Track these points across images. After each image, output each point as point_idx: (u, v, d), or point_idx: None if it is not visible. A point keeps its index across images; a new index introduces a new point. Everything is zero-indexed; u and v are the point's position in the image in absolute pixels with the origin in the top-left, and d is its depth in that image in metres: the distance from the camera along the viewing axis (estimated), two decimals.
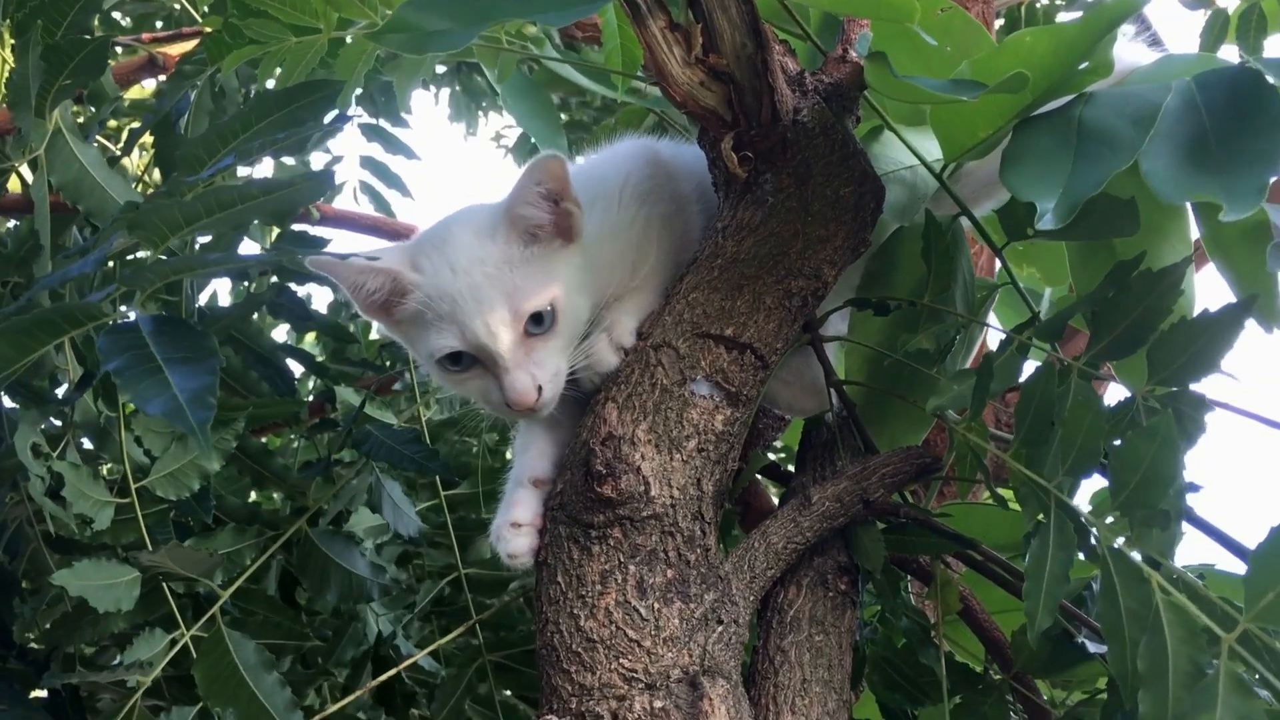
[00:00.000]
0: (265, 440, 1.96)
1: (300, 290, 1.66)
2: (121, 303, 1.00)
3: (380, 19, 1.18)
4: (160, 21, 2.51)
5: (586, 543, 0.91)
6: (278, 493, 1.77)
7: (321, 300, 3.76)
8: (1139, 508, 0.80)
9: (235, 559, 1.45)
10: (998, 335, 1.01)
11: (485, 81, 3.00)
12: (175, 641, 1.32)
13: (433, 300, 0.96)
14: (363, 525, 1.59)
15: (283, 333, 2.51)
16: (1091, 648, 1.00)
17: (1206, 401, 0.86)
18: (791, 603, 0.99)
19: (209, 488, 1.43)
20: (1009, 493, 0.94)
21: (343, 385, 1.64)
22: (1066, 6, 2.41)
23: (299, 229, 1.76)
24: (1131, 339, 0.88)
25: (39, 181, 1.46)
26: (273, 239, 2.26)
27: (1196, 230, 0.98)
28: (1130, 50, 1.01)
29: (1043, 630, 0.83)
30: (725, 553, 0.98)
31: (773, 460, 1.20)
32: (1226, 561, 1.00)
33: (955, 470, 1.01)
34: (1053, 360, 0.91)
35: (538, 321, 0.96)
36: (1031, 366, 0.94)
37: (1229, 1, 2.15)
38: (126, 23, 2.57)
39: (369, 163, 2.39)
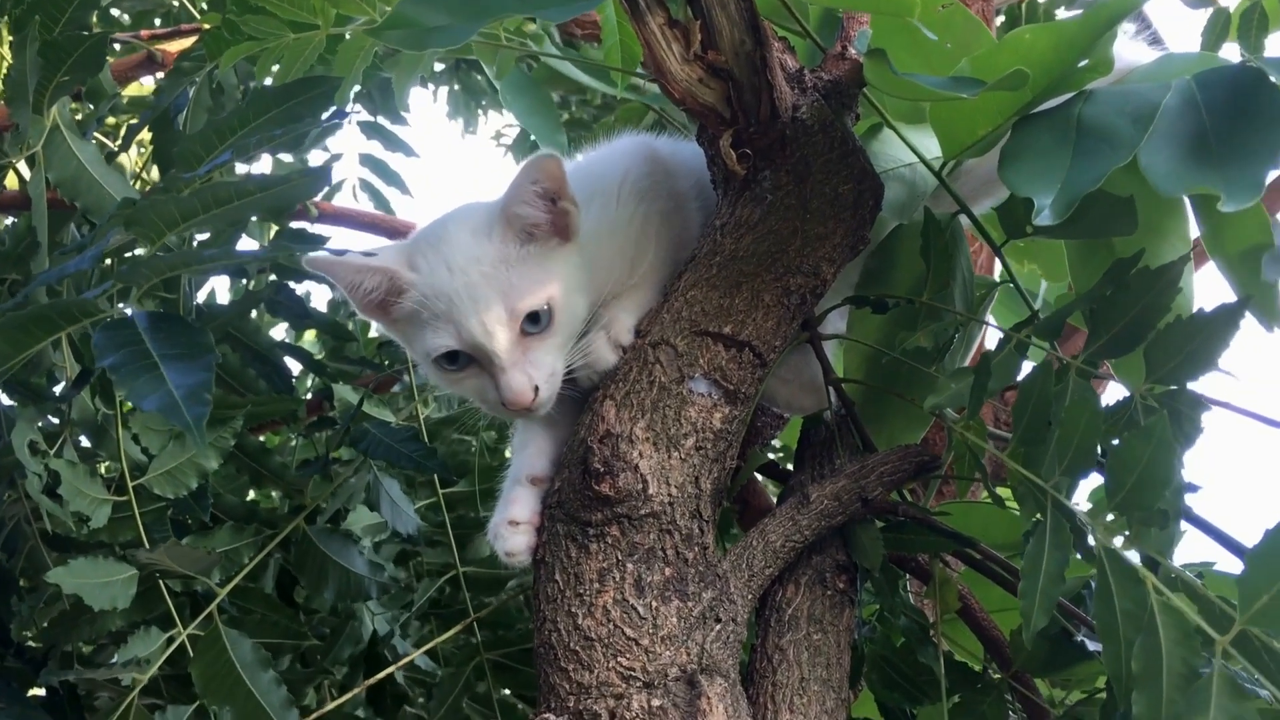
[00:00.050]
0: (263, 438, 1.95)
1: (299, 288, 1.65)
2: (118, 299, 0.99)
3: (379, 15, 1.18)
4: (159, 18, 2.51)
5: (584, 541, 0.91)
6: (276, 491, 1.76)
7: (321, 298, 3.76)
8: (1136, 507, 0.80)
9: (233, 557, 1.44)
10: (996, 334, 1.01)
11: (485, 80, 3.00)
12: (172, 640, 1.32)
13: (429, 299, 0.96)
14: (361, 523, 1.59)
15: (282, 330, 2.51)
16: (1090, 646, 1.00)
17: (1205, 401, 0.86)
18: (790, 601, 0.99)
19: (207, 486, 1.42)
20: (1008, 491, 0.94)
21: (341, 383, 1.64)
22: (1066, 4, 2.40)
23: (297, 226, 1.75)
24: (1130, 337, 0.88)
25: (36, 178, 1.46)
26: (271, 236, 2.26)
27: (1195, 229, 0.98)
28: (1131, 49, 1.01)
29: (1038, 630, 0.82)
30: (723, 551, 0.97)
31: (771, 458, 1.20)
32: (1227, 561, 1.00)
33: (954, 469, 1.01)
34: (1051, 359, 0.91)
35: (534, 321, 0.95)
36: (1030, 365, 0.94)
37: (1230, 0, 2.14)
38: (125, 19, 2.57)
39: (368, 160, 2.38)
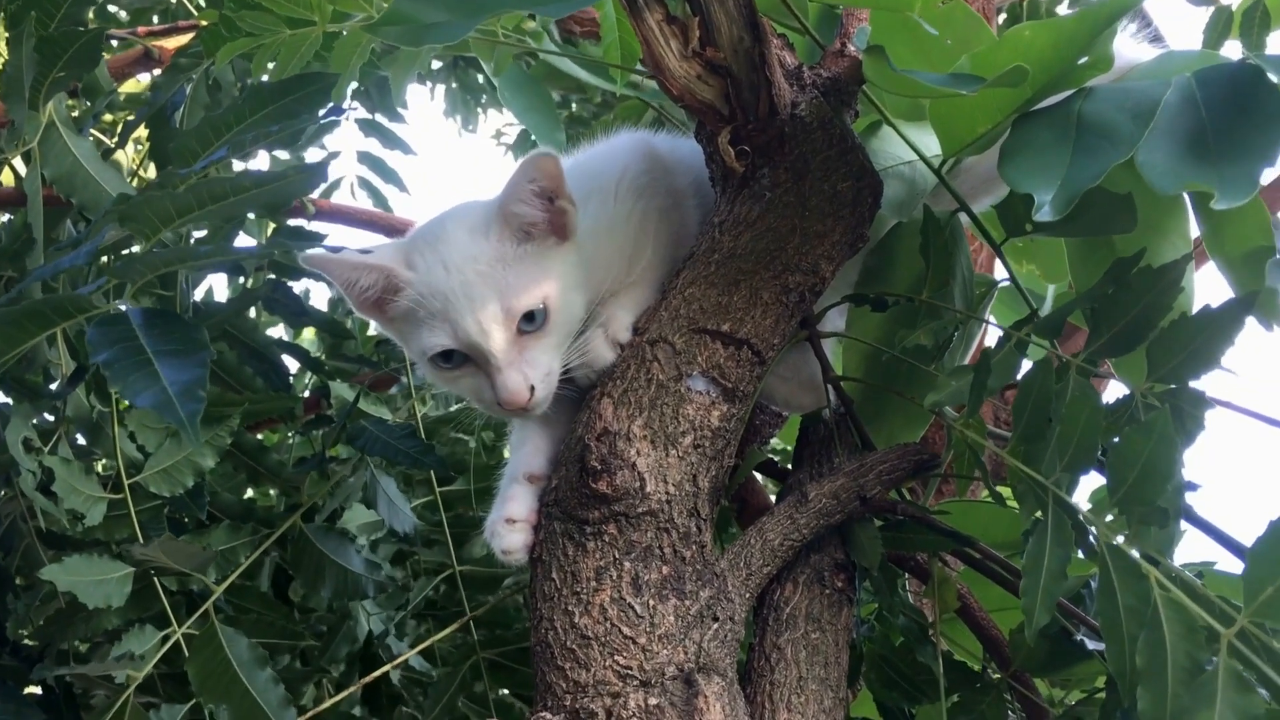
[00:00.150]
0: (260, 436, 1.95)
1: (297, 286, 1.65)
2: (114, 295, 0.99)
3: (376, 11, 1.18)
4: (156, 15, 2.51)
5: (581, 539, 0.91)
6: (273, 489, 1.76)
7: (320, 296, 3.76)
8: (1137, 505, 0.80)
9: (229, 555, 1.44)
10: (997, 332, 1.01)
11: (483, 78, 3.00)
12: (168, 638, 1.32)
13: (425, 298, 0.95)
14: (357, 522, 1.59)
15: (279, 328, 2.50)
16: (1090, 645, 1.00)
17: (1206, 399, 0.86)
18: (788, 600, 0.99)
19: (203, 484, 1.42)
20: (1008, 490, 0.94)
21: (339, 381, 1.63)
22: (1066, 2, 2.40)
23: (295, 224, 1.75)
24: (1131, 336, 0.88)
25: (32, 174, 1.46)
26: (269, 234, 2.26)
27: (1196, 228, 0.97)
28: (1131, 46, 1.01)
29: (1040, 628, 0.82)
30: (721, 549, 0.97)
31: (770, 457, 1.20)
32: (1227, 561, 0.99)
33: (953, 467, 1.01)
34: (1051, 357, 0.90)
35: (530, 320, 0.95)
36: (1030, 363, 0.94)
37: None
38: (122, 15, 2.56)
39: (366, 158, 2.38)
